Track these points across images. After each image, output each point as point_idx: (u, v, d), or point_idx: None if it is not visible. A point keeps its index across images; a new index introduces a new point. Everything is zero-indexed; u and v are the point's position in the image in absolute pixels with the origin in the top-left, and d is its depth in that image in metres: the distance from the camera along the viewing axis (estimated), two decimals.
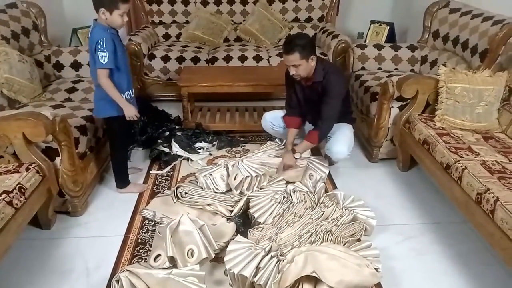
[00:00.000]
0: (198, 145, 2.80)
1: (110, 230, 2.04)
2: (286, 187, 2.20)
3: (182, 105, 3.02)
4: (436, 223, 2.13)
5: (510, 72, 2.25)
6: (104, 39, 1.89)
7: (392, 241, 1.99)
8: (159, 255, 1.68)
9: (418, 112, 2.41)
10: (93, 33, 1.94)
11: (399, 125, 2.47)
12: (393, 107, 2.51)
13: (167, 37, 4.11)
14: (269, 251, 1.71)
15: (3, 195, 1.56)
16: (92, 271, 1.79)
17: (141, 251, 1.90)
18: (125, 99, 2.06)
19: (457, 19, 2.86)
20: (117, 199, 2.29)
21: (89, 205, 2.24)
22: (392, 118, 2.53)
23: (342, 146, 2.35)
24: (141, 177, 2.52)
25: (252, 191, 2.19)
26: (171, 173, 2.56)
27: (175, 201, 2.13)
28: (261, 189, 2.22)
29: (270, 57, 3.67)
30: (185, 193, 2.15)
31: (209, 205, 2.09)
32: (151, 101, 3.47)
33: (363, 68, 3.23)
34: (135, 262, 1.81)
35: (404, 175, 2.58)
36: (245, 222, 2.06)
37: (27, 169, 1.76)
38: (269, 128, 2.64)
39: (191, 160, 2.68)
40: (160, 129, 2.84)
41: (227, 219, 2.05)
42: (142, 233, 2.01)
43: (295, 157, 2.33)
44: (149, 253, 1.84)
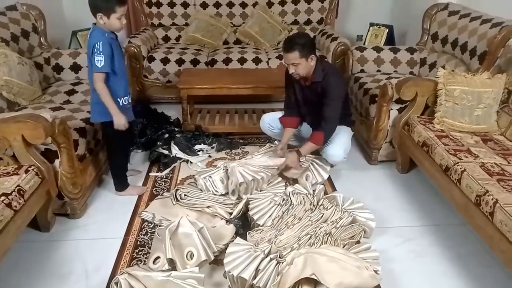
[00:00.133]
0: (197, 147, 2.80)
1: (109, 232, 2.04)
2: (285, 189, 2.19)
3: (181, 107, 3.02)
4: (435, 225, 2.13)
5: (509, 74, 2.25)
6: (101, 42, 1.89)
7: (391, 243, 1.99)
8: (158, 258, 1.67)
9: (417, 114, 2.42)
10: (91, 36, 1.94)
11: (398, 127, 2.47)
12: (392, 109, 2.52)
13: (166, 39, 4.12)
14: (269, 253, 1.71)
15: (2, 197, 1.56)
16: (91, 274, 1.79)
17: (140, 253, 1.89)
18: (122, 104, 2.05)
19: (456, 21, 2.87)
20: (116, 201, 2.29)
21: (88, 207, 2.23)
22: (391, 120, 2.53)
23: (338, 149, 2.34)
24: (140, 179, 2.52)
25: (251, 194, 2.19)
26: (171, 175, 2.56)
27: (175, 203, 2.13)
28: (260, 191, 2.22)
29: (269, 59, 3.67)
30: (185, 195, 2.15)
31: (208, 207, 2.09)
32: (150, 103, 3.47)
33: (362, 70, 3.24)
34: (134, 264, 1.80)
35: (403, 177, 2.58)
36: (244, 224, 2.05)
37: (26, 171, 1.76)
38: (267, 129, 2.64)
39: (191, 162, 2.68)
40: (159, 131, 2.84)
41: (227, 221, 2.05)
42: (141, 235, 2.01)
43: (300, 160, 2.32)
44: (148, 255, 1.84)
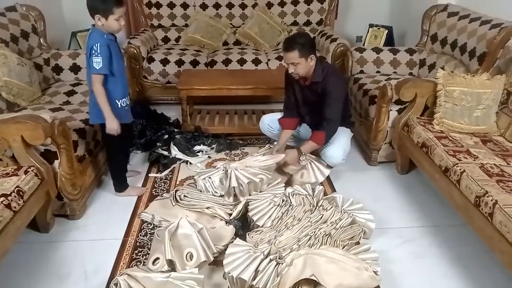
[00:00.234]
0: (197, 148, 2.80)
1: (108, 233, 2.04)
2: (285, 190, 2.19)
3: (181, 108, 3.02)
4: (435, 226, 2.13)
5: (508, 75, 2.25)
6: (98, 44, 1.89)
7: (391, 244, 1.99)
8: (158, 259, 1.67)
9: (416, 115, 2.42)
10: (90, 38, 1.94)
11: (397, 128, 2.47)
12: (391, 110, 2.52)
13: (166, 40, 4.12)
14: (268, 254, 1.71)
15: (2, 198, 1.56)
16: (90, 275, 1.79)
17: (139, 254, 1.89)
18: (120, 106, 2.05)
19: (455, 22, 2.88)
20: (115, 202, 2.29)
21: (88, 208, 2.23)
22: (390, 121, 2.53)
23: (337, 150, 2.34)
24: (140, 180, 2.52)
25: (249, 195, 2.18)
26: (170, 176, 2.56)
27: (174, 204, 2.13)
28: (260, 192, 2.21)
29: (269, 60, 3.67)
30: (184, 196, 2.15)
31: (208, 208, 2.09)
32: (149, 104, 3.47)
33: (361, 71, 3.24)
34: (134, 265, 1.80)
35: (403, 178, 2.58)
36: (244, 225, 2.05)
37: (26, 172, 1.76)
38: (267, 130, 2.64)
39: (190, 163, 2.68)
40: (159, 132, 2.84)
41: (226, 222, 2.05)
42: (140, 236, 2.01)
43: (300, 158, 2.31)
44: (147, 256, 1.84)
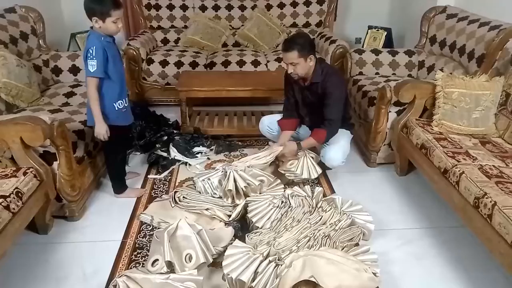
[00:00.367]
0: (196, 149, 2.80)
1: (107, 234, 2.04)
2: (284, 191, 2.19)
3: (180, 110, 3.02)
4: (434, 227, 2.13)
5: (507, 77, 2.26)
6: (94, 47, 1.89)
7: (390, 246, 1.99)
8: (157, 260, 1.67)
9: (415, 117, 2.42)
10: (87, 41, 1.95)
11: (396, 129, 2.48)
12: (390, 112, 2.52)
13: (165, 42, 4.13)
14: (267, 255, 1.71)
15: (1, 200, 1.56)
16: (89, 277, 1.78)
17: (138, 256, 1.89)
18: (117, 108, 2.05)
19: (454, 24, 2.88)
20: (114, 204, 2.28)
21: (87, 209, 2.23)
22: (389, 123, 2.53)
23: (337, 153, 2.35)
24: (139, 181, 2.51)
25: (248, 196, 2.18)
26: (169, 177, 2.56)
27: (173, 205, 2.13)
28: (260, 193, 2.21)
29: (268, 62, 3.68)
30: (183, 197, 2.15)
31: (207, 209, 2.09)
32: (149, 105, 3.47)
33: (360, 73, 3.25)
34: (133, 267, 1.80)
35: (402, 180, 2.59)
36: (243, 226, 2.05)
37: (25, 174, 1.76)
38: (266, 131, 2.65)
39: (189, 164, 2.68)
40: (158, 134, 2.84)
41: (225, 224, 2.05)
42: (139, 238, 2.01)
43: (298, 153, 2.30)
44: (146, 258, 1.83)
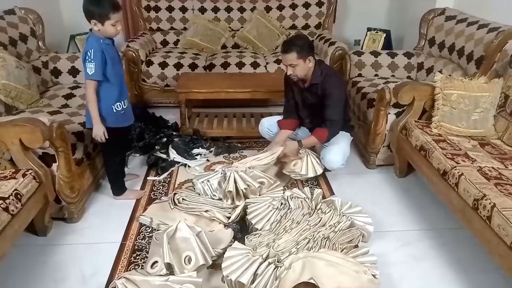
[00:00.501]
0: (195, 151, 2.80)
1: (106, 236, 2.03)
2: (283, 193, 2.19)
3: (179, 111, 3.02)
4: (433, 229, 2.14)
5: (505, 78, 2.26)
6: (92, 50, 1.88)
7: (389, 248, 1.99)
8: (156, 262, 1.67)
9: (414, 118, 2.42)
10: (86, 43, 1.95)
11: (396, 131, 2.48)
12: (390, 113, 2.52)
13: (165, 43, 4.13)
14: (267, 257, 1.71)
15: (0, 201, 1.56)
16: (88, 279, 1.78)
17: (138, 258, 1.89)
18: (115, 110, 2.04)
19: (452, 26, 2.89)
20: (113, 206, 2.28)
21: (86, 211, 2.22)
22: (389, 124, 2.54)
23: (337, 155, 2.36)
24: (138, 183, 2.51)
25: (247, 198, 2.18)
26: (168, 179, 2.56)
27: (172, 207, 2.13)
28: (259, 195, 2.21)
29: (267, 63, 3.68)
30: (182, 199, 2.15)
31: (206, 211, 2.09)
32: (148, 107, 3.47)
33: (360, 75, 3.25)
34: (132, 269, 1.80)
35: (401, 181, 2.59)
36: (242, 228, 2.05)
37: (24, 175, 1.75)
38: (266, 133, 2.66)
39: (189, 166, 2.67)
40: (157, 135, 2.83)
41: (225, 226, 2.04)
42: (139, 239, 2.00)
43: (299, 151, 2.30)
44: (146, 260, 1.83)
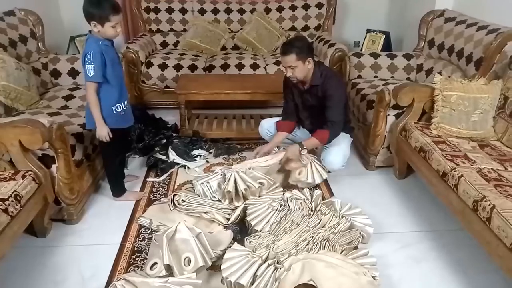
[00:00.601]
0: (195, 152, 2.80)
1: (106, 238, 2.03)
2: (283, 194, 2.19)
3: (179, 113, 3.02)
4: (433, 230, 2.14)
5: (505, 80, 2.27)
6: (92, 52, 1.88)
7: (389, 249, 1.99)
8: (156, 263, 1.66)
9: (414, 120, 2.43)
10: (85, 45, 1.95)
11: (395, 133, 2.48)
12: (389, 115, 2.52)
13: (164, 45, 4.13)
14: (266, 259, 1.71)
15: None
16: (87, 280, 1.78)
17: (137, 259, 1.88)
18: (115, 112, 2.04)
19: (452, 28, 2.90)
20: (113, 207, 2.28)
21: (85, 213, 2.22)
22: (388, 126, 2.54)
23: (337, 156, 2.36)
24: (137, 184, 2.51)
25: (247, 199, 2.18)
26: (168, 180, 2.56)
27: (172, 208, 2.12)
28: (259, 196, 2.21)
29: (267, 65, 3.69)
30: (182, 200, 2.15)
31: (206, 213, 2.09)
32: (148, 108, 3.47)
33: (359, 76, 3.25)
34: (131, 270, 1.80)
35: (400, 183, 2.59)
36: (242, 230, 2.05)
37: (23, 177, 1.75)
38: (265, 134, 2.66)
39: (188, 167, 2.67)
40: (157, 137, 2.83)
41: (224, 227, 2.04)
42: (138, 241, 2.00)
43: (301, 153, 2.30)
44: (145, 261, 1.83)
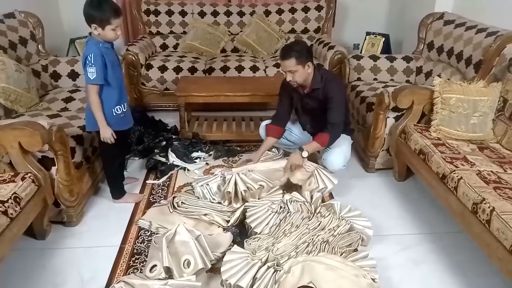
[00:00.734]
0: (194, 154, 2.80)
1: (105, 240, 2.03)
2: (283, 197, 2.19)
3: (179, 115, 3.02)
4: (432, 233, 2.13)
5: (504, 82, 2.27)
6: (92, 54, 1.89)
7: (389, 251, 1.99)
8: (155, 266, 1.66)
9: (413, 122, 2.43)
10: (85, 47, 1.95)
11: (395, 135, 2.48)
12: (389, 117, 2.52)
13: (164, 47, 4.14)
14: (266, 261, 1.71)
15: None
16: (86, 282, 1.77)
17: (137, 261, 1.88)
18: (115, 114, 2.04)
19: (451, 30, 2.90)
20: (112, 209, 2.28)
21: (85, 215, 2.22)
22: (388, 128, 2.54)
23: (338, 157, 2.36)
24: (137, 186, 2.51)
25: (246, 201, 2.18)
26: (168, 182, 2.56)
27: (172, 211, 2.12)
28: (258, 199, 2.21)
29: (266, 67, 3.69)
30: (182, 203, 2.14)
31: (205, 215, 2.08)
32: (147, 111, 3.47)
33: (359, 78, 3.26)
34: (131, 272, 1.79)
35: (400, 185, 2.59)
36: (241, 232, 2.05)
37: (23, 179, 1.75)
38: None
39: (188, 169, 2.67)
40: (156, 139, 2.84)
41: (224, 229, 2.04)
42: (138, 243, 2.00)
43: (303, 156, 2.29)
44: (145, 263, 1.83)
